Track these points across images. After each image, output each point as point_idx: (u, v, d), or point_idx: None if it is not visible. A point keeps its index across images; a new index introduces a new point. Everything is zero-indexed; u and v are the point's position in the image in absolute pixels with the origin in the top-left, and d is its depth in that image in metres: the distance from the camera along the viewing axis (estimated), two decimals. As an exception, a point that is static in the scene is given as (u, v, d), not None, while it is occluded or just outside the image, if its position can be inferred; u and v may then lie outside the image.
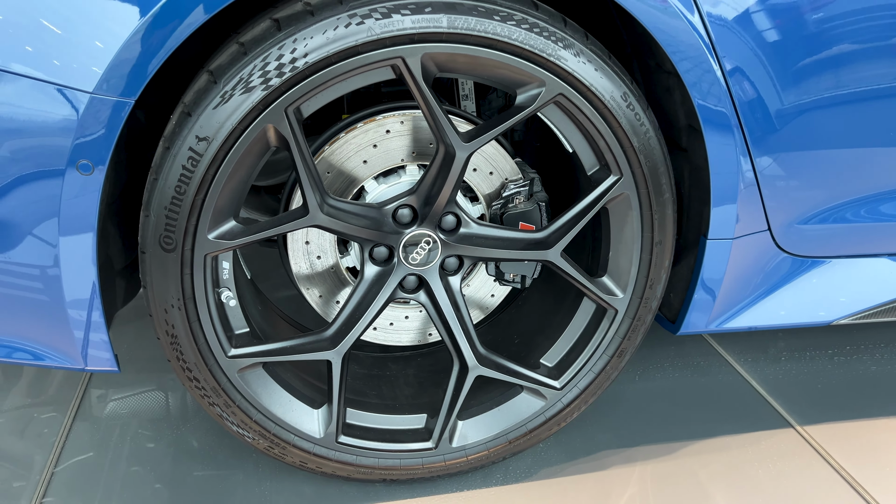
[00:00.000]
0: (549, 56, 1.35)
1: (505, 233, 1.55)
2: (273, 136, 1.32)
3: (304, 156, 1.35)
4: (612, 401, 2.02)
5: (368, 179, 1.58)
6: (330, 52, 1.26)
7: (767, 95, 1.49)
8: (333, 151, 1.55)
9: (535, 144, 1.98)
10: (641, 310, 1.62)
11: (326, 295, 1.67)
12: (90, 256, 1.33)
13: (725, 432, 1.91)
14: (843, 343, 2.30)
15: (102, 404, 2.04)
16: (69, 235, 1.30)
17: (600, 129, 1.44)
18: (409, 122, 1.55)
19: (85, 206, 1.29)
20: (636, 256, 1.57)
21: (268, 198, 1.99)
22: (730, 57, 1.43)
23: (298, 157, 1.34)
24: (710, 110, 1.46)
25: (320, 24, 1.26)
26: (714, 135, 1.49)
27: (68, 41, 1.19)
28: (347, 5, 1.27)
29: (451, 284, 1.61)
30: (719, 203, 1.57)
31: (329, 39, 1.26)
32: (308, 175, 1.36)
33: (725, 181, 1.55)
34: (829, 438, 1.89)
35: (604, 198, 1.50)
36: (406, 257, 1.53)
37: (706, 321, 1.73)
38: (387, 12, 1.27)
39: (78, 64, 1.20)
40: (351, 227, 1.45)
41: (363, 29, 1.26)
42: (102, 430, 1.90)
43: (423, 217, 1.51)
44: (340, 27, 1.26)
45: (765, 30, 1.44)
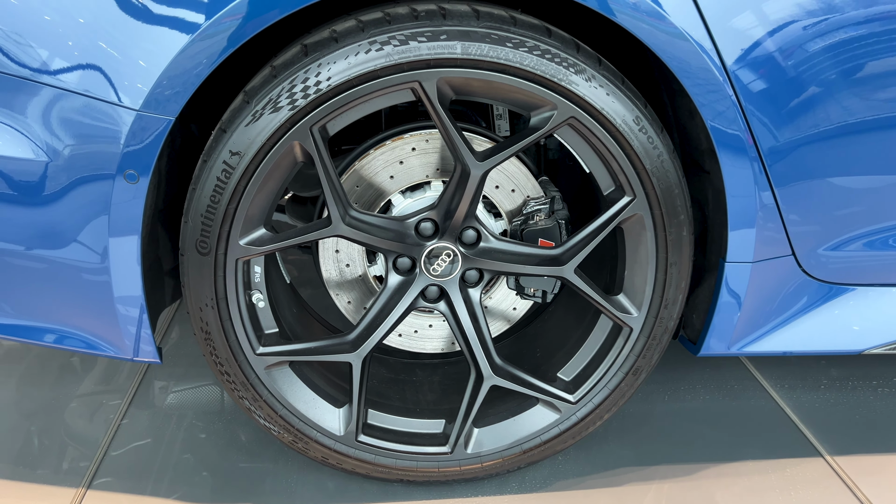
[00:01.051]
0: (560, 81, 1.41)
1: (521, 248, 1.61)
2: (299, 152, 1.44)
3: (328, 170, 1.45)
4: (638, 419, 2.03)
5: (395, 194, 1.68)
6: (351, 75, 1.37)
7: (784, 117, 1.50)
8: (363, 166, 1.65)
9: (567, 163, 2.03)
10: (657, 329, 1.64)
11: (355, 301, 1.77)
12: (135, 257, 1.48)
13: (750, 457, 1.89)
14: (890, 374, 2.23)
15: (164, 395, 2.21)
16: (117, 237, 1.45)
17: (613, 151, 1.48)
18: (434, 141, 1.64)
19: (131, 211, 1.43)
20: (651, 276, 1.60)
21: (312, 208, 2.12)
22: (743, 77, 1.45)
23: (322, 171, 1.45)
24: (724, 133, 1.48)
25: (343, 50, 1.36)
26: (728, 158, 1.51)
27: (119, 61, 1.34)
28: (368, 33, 1.37)
29: (470, 296, 1.68)
30: (737, 226, 1.58)
31: (351, 64, 1.36)
32: (331, 188, 1.47)
33: (742, 204, 1.56)
34: (859, 470, 1.85)
35: (617, 218, 1.54)
36: (428, 268, 1.62)
37: (726, 344, 1.74)
38: (404, 39, 1.36)
39: (128, 82, 1.34)
40: (373, 238, 1.55)
41: (382, 55, 1.36)
42: (161, 419, 2.06)
43: (444, 230, 1.59)
44: (361, 53, 1.36)
45: (780, 48, 1.45)
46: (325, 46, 1.38)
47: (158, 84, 1.34)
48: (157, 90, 1.34)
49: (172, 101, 1.36)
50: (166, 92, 1.35)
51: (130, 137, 1.37)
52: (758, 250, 1.62)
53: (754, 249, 1.62)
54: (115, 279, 1.50)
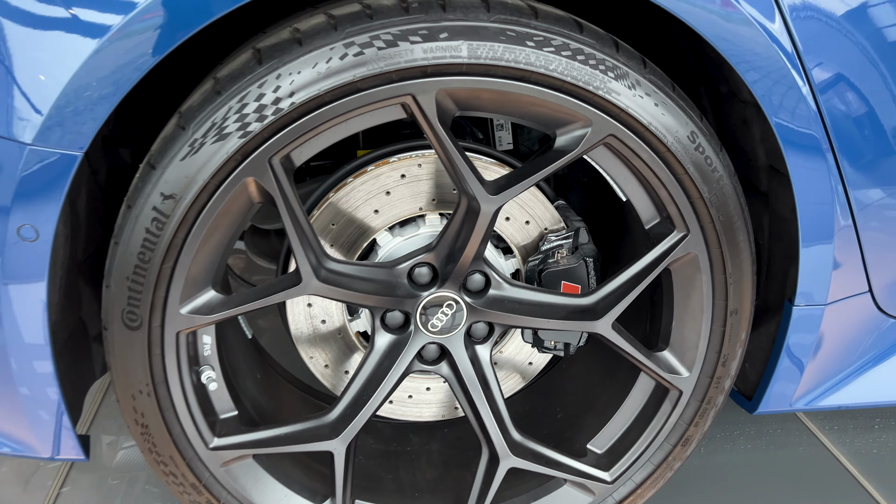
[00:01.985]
0: (597, 90, 1.08)
1: (543, 297, 1.28)
2: (255, 191, 1.09)
3: (295, 213, 1.11)
4: (673, 479, 1.72)
5: (381, 231, 1.34)
6: (322, 89, 1.02)
7: (871, 115, 1.19)
8: (341, 199, 1.31)
9: (582, 180, 1.71)
10: (712, 391, 1.33)
11: (334, 364, 1.43)
12: (42, 329, 1.12)
13: (811, 523, 1.60)
14: (949, 407, 1.95)
15: (111, 453, 1.84)
16: (15, 305, 1.09)
17: (661, 176, 1.16)
18: (429, 165, 1.30)
19: (31, 272, 1.07)
20: (706, 328, 1.28)
21: (277, 242, 1.77)
22: (822, 68, 1.13)
23: (287, 214, 1.10)
24: (797, 142, 1.17)
25: (310, 56, 1.01)
26: (802, 170, 1.19)
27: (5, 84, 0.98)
28: (343, 32, 1.02)
29: (478, 355, 1.35)
30: (809, 259, 1.27)
31: (321, 74, 1.02)
32: (299, 235, 1.12)
33: (818, 233, 1.25)
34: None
35: (666, 259, 1.22)
36: (425, 323, 1.28)
37: (790, 399, 1.43)
38: (392, 40, 1.02)
39: (17, 107, 0.98)
40: (356, 294, 1.20)
41: (363, 61, 1.02)
42: (107, 485, 1.70)
43: (445, 277, 1.25)
44: (335, 59, 1.02)
45: (873, 28, 1.14)
46: (285, 51, 1.03)
47: (57, 109, 0.98)
48: (56, 117, 0.98)
49: (79, 130, 1.00)
50: (69, 118, 0.99)
51: (23, 182, 1.01)
52: (833, 288, 1.31)
53: (829, 288, 1.31)
54: (17, 359, 1.13)
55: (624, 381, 1.42)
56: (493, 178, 1.28)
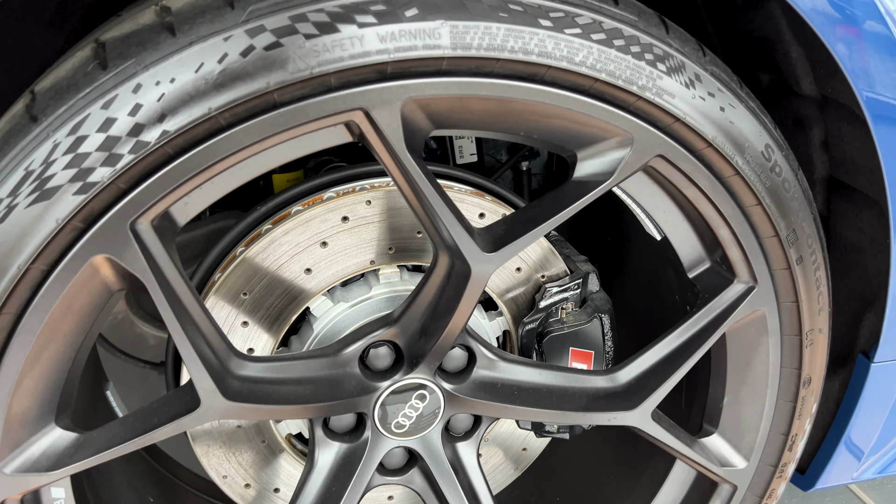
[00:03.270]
0: (643, 91, 0.71)
1: (553, 378, 0.92)
2: (112, 274, 0.67)
3: (180, 302, 0.70)
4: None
5: (318, 297, 0.94)
6: (213, 107, 0.61)
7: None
8: (255, 257, 0.90)
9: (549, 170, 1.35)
10: (774, 482, 1.00)
11: (258, 482, 1.02)
12: None
13: None
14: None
15: None
16: None
17: (723, 209, 0.81)
18: (382, 201, 0.91)
19: None
20: (770, 405, 0.95)
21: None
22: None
23: (167, 306, 0.68)
24: (890, 116, 0.83)
25: (190, 53, 0.60)
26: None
27: None
28: (245, 10, 0.61)
29: (461, 456, 0.98)
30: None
31: (209, 83, 0.61)
32: (190, 336, 0.71)
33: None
34: None
35: (725, 321, 0.87)
36: (387, 423, 0.90)
37: (857, 468, 1.13)
38: (328, 22, 0.62)
39: None
40: (286, 408, 0.80)
41: (280, 58, 0.61)
42: None
43: (415, 359, 0.87)
44: (233, 56, 0.61)
45: None
46: (147, 45, 0.61)
47: None
48: None
49: None
50: None
51: None
52: (920, 336, 1.01)
53: (918, 337, 1.00)
54: None
55: (650, 467, 1.08)
56: (473, 213, 0.91)
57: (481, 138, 1.29)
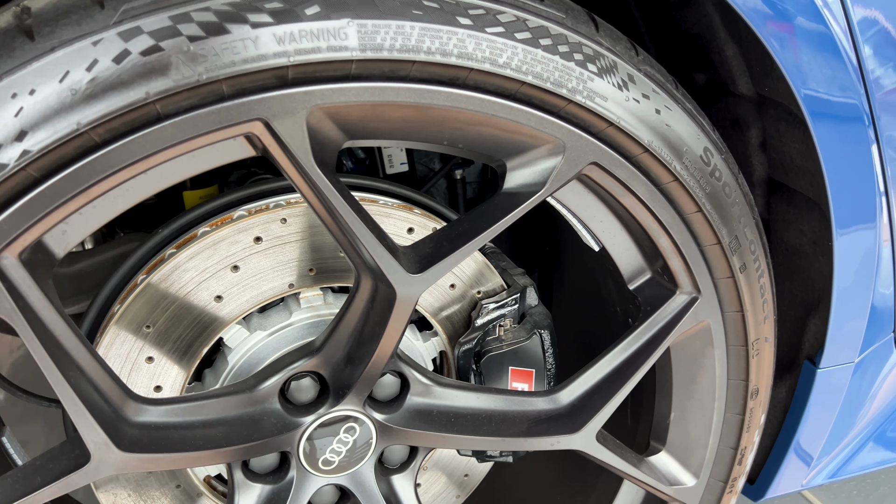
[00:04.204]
0: (573, 94, 0.65)
1: (493, 402, 0.86)
2: (-25, 319, 0.58)
3: (59, 345, 0.61)
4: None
5: (230, 326, 0.85)
6: (83, 122, 0.53)
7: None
8: (160, 283, 0.81)
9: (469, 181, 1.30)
10: (724, 498, 0.96)
11: (175, 531, 0.93)
12: None
13: None
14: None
15: None
16: None
17: (662, 217, 0.76)
18: (299, 219, 0.83)
19: None
20: (718, 419, 0.91)
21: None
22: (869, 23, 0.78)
23: (41, 351, 0.59)
24: (837, 139, 0.80)
25: (53, 60, 0.52)
26: (847, 190, 0.83)
27: None
28: (118, 9, 0.53)
29: (397, 491, 0.91)
30: (845, 311, 0.93)
31: (77, 94, 0.52)
32: (73, 383, 0.62)
33: (858, 274, 0.90)
34: None
35: (669, 334, 0.82)
36: (313, 461, 0.83)
37: (805, 475, 1.10)
38: (215, 23, 0.54)
39: None
40: (192, 455, 0.72)
41: (161, 64, 0.53)
42: None
43: (341, 390, 0.80)
44: (104, 62, 0.53)
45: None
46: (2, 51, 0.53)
47: None
48: None
49: None
50: None
51: None
52: (864, 339, 0.98)
53: (862, 340, 0.97)
54: None
55: (596, 488, 1.03)
56: (401, 227, 0.84)
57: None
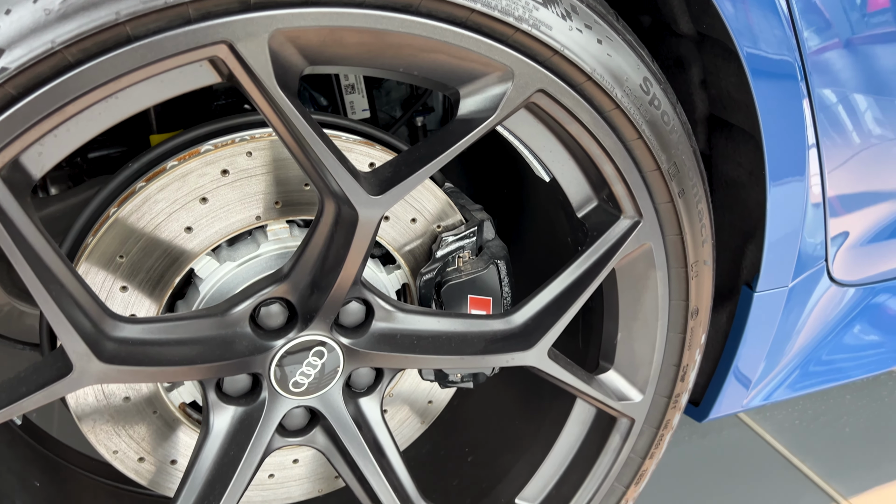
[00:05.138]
0: (520, 22, 0.70)
1: (452, 324, 0.91)
2: (-43, 232, 0.61)
3: (38, 257, 0.64)
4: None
5: (201, 257, 0.89)
6: (57, 41, 0.56)
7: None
8: (129, 216, 0.84)
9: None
10: (669, 412, 1.04)
11: (153, 455, 0.98)
12: None
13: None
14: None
15: None
16: None
17: (606, 144, 0.82)
18: (265, 152, 0.87)
19: None
20: (661, 337, 0.97)
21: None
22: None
23: (26, 265, 0.63)
24: (768, 73, 0.87)
25: (25, -20, 0.55)
26: (774, 115, 0.90)
27: None
28: (86, -67, 0.57)
29: (364, 412, 0.96)
30: (778, 236, 1.00)
31: (51, 14, 0.56)
32: (54, 290, 0.66)
33: (789, 199, 0.98)
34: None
35: (613, 256, 0.88)
36: (284, 382, 0.88)
37: (745, 397, 1.18)
38: (179, -55, 0.58)
39: None
40: (171, 370, 0.77)
41: (128, -15, 0.57)
42: None
43: (309, 315, 0.85)
44: (75, -16, 0.56)
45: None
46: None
47: None
48: None
49: None
50: None
51: None
52: (797, 265, 1.06)
53: (796, 264, 1.05)
54: None
55: (552, 410, 1.10)
56: (363, 162, 0.88)
57: (373, 93, 1.26)
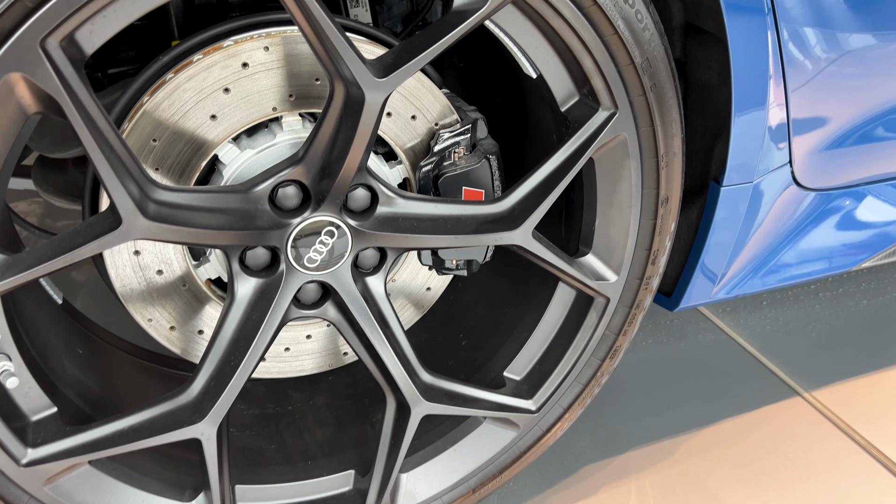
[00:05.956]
0: (509, -80, 0.80)
1: (447, 209, 1.03)
2: (27, 93, 0.72)
3: (95, 124, 0.75)
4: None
5: (223, 144, 1.00)
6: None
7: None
8: (159, 105, 0.95)
9: (457, 65, 1.44)
10: (641, 293, 1.16)
11: (181, 324, 1.10)
12: None
13: (726, 413, 1.53)
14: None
15: None
16: None
17: (585, 38, 0.92)
18: (279, 48, 0.97)
19: None
20: (634, 223, 1.09)
21: (79, 174, 1.36)
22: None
23: (85, 127, 0.74)
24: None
25: None
26: (740, 23, 1.00)
27: None
28: None
29: (371, 288, 1.08)
30: (742, 134, 1.11)
31: None
32: (109, 156, 0.77)
33: (752, 99, 1.08)
34: (844, 405, 1.55)
35: (592, 144, 1.00)
36: (299, 259, 0.99)
37: (713, 289, 1.31)
38: None
39: None
40: (202, 232, 0.88)
41: None
42: None
43: (320, 197, 0.96)
44: None
45: None
46: None
47: None
48: None
49: None
50: None
51: None
52: (761, 164, 1.17)
53: (760, 163, 1.16)
54: None
55: (535, 296, 1.22)
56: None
57: (376, 9, 1.35)
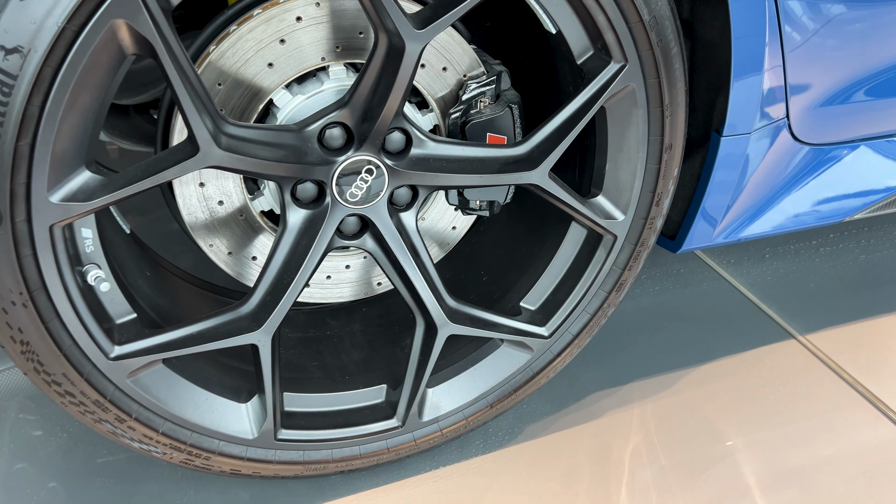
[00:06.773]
0: None
1: (473, 151, 1.16)
2: (128, 37, 0.86)
3: (182, 65, 0.90)
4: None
5: (278, 90, 1.14)
6: None
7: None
8: (223, 54, 1.09)
9: (484, 25, 1.56)
10: (645, 232, 1.29)
11: (237, 250, 1.26)
12: None
13: (724, 352, 1.67)
14: (824, 231, 2.08)
15: None
16: None
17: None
18: (328, 3, 1.10)
19: None
20: (641, 167, 1.22)
21: (140, 120, 1.51)
22: None
23: (173, 67, 0.89)
24: None
25: None
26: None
27: None
28: None
29: (404, 223, 1.22)
30: (741, 88, 1.23)
31: None
32: (190, 93, 0.91)
33: (750, 56, 1.20)
34: (835, 348, 1.68)
35: (603, 94, 1.12)
36: (342, 194, 1.13)
37: (712, 233, 1.43)
38: None
39: None
40: (262, 162, 1.03)
41: None
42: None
43: (362, 138, 1.10)
44: None
45: None
46: None
47: None
48: None
49: None
50: None
51: None
52: (759, 116, 1.29)
53: (757, 115, 1.28)
54: None
55: (550, 236, 1.36)
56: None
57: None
